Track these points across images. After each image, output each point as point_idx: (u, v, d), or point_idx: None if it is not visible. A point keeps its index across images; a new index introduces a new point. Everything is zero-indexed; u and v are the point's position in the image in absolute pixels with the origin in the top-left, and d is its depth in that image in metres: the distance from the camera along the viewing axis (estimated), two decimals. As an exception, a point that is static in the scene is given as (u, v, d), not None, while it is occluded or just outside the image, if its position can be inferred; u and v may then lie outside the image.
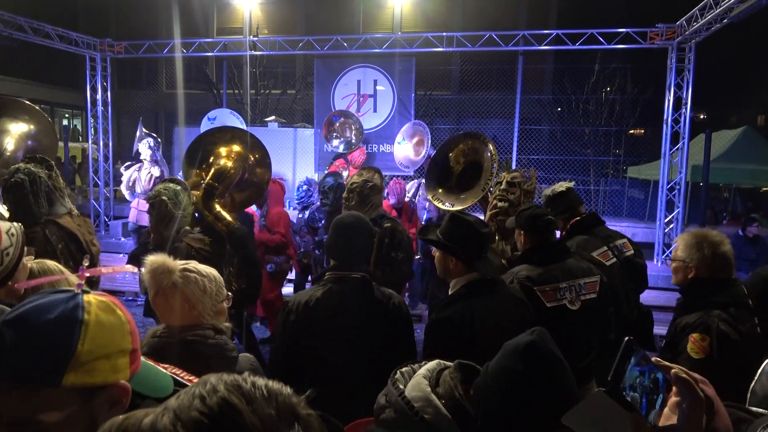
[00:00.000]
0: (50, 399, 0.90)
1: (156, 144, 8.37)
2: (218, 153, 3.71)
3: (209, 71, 17.29)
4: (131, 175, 8.31)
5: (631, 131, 16.05)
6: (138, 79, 21.13)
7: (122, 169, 8.77)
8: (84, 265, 1.23)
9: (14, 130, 4.62)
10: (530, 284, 2.63)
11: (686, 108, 9.32)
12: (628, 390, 0.93)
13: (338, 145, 9.33)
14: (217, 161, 3.64)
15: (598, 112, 15.41)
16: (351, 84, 10.82)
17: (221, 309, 2.00)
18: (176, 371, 1.26)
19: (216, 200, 3.43)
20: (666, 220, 9.71)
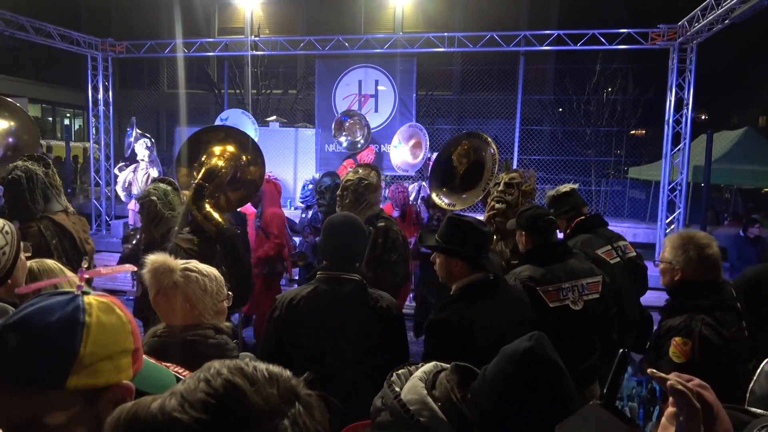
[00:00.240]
0: (55, 401, 0.90)
1: (152, 145, 8.35)
2: (210, 152, 3.67)
3: (211, 71, 17.30)
4: (126, 177, 8.27)
5: (633, 132, 16.04)
6: (139, 79, 21.16)
7: (116, 170, 8.73)
8: (83, 267, 1.23)
9: None
10: (533, 284, 2.62)
11: (687, 109, 9.31)
12: (626, 400, 0.93)
13: (343, 142, 9.25)
14: (209, 160, 3.63)
15: (600, 113, 15.39)
16: (352, 84, 10.83)
17: (221, 308, 2.00)
18: (178, 369, 1.26)
19: (207, 200, 3.43)
20: (667, 221, 9.70)
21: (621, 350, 0.94)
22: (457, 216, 2.39)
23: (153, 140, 8.49)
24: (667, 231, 9.72)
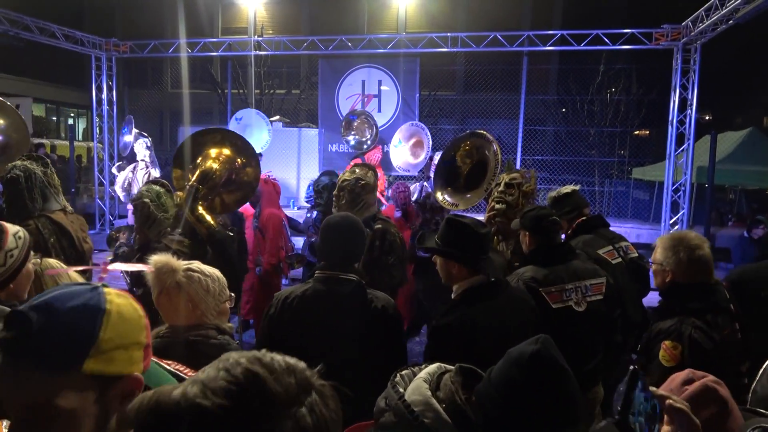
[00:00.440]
0: (69, 384, 0.92)
1: (151, 145, 8.36)
2: (206, 155, 3.68)
3: (214, 71, 17.35)
4: (126, 177, 8.27)
5: (636, 132, 16.00)
6: (143, 79, 21.20)
7: (114, 170, 8.72)
8: (107, 259, 1.26)
9: None
10: (535, 285, 2.62)
11: (691, 109, 9.28)
12: (636, 416, 0.93)
13: (351, 141, 9.21)
14: (204, 163, 3.64)
15: (603, 113, 15.36)
16: (355, 84, 10.83)
17: (224, 309, 2.01)
18: (179, 367, 1.27)
19: (200, 202, 3.43)
20: (671, 222, 9.67)
21: (631, 368, 0.95)
22: (456, 217, 2.37)
23: (150, 140, 8.50)
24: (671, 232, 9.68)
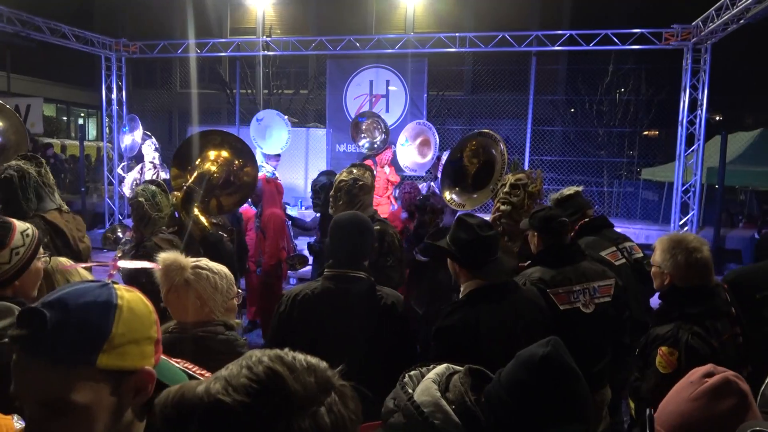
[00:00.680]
0: (83, 379, 0.94)
1: (159, 146, 8.41)
2: (204, 156, 3.72)
3: (222, 71, 17.42)
4: (134, 178, 8.32)
5: (646, 132, 15.91)
6: (152, 79, 21.32)
7: (120, 170, 8.77)
8: (117, 256, 1.29)
9: None
10: (543, 286, 2.61)
11: (701, 109, 9.21)
12: None
13: (365, 145, 9.19)
14: (202, 165, 3.66)
15: (612, 113, 15.28)
16: (363, 84, 10.83)
17: (231, 306, 2.02)
18: (188, 365, 1.28)
19: (196, 203, 3.45)
20: (680, 223, 9.60)
21: (648, 410, 0.97)
22: (465, 217, 2.37)
23: (156, 141, 8.55)
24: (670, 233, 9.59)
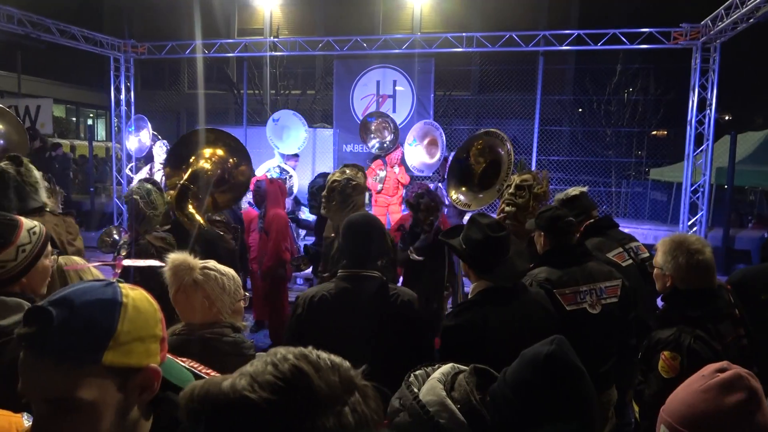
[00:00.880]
0: (89, 377, 0.94)
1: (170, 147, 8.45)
2: (199, 154, 3.73)
3: (230, 72, 17.47)
4: (143, 178, 8.36)
5: (654, 132, 15.81)
6: (160, 80, 21.44)
7: (128, 171, 8.79)
8: (121, 254, 1.30)
9: None
10: (549, 286, 2.60)
11: (711, 109, 9.14)
12: None
13: (375, 145, 9.17)
14: (197, 162, 3.67)
15: (620, 113, 15.20)
16: (370, 84, 10.84)
17: (238, 308, 2.03)
18: (194, 365, 1.29)
19: (191, 201, 3.46)
20: (689, 223, 9.53)
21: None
22: (476, 217, 2.38)
23: (166, 142, 8.59)
24: (689, 233, 9.54)
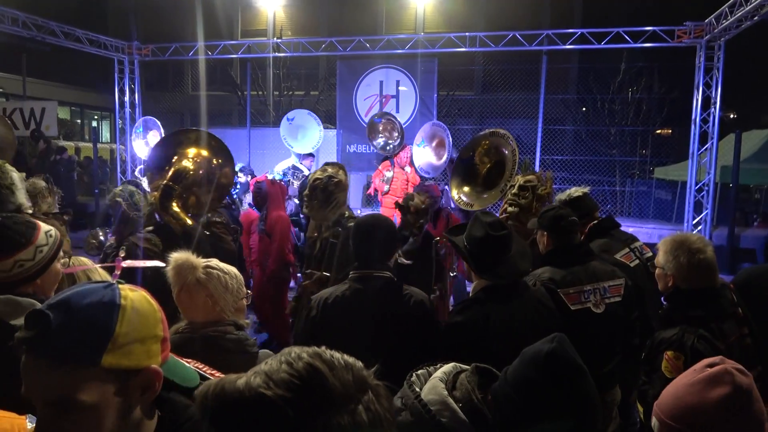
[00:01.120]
0: (88, 379, 0.95)
1: None
2: (181, 154, 3.73)
3: (234, 73, 17.52)
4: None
5: (658, 131, 15.75)
6: (164, 81, 21.50)
7: (137, 173, 8.81)
8: (120, 256, 1.30)
9: None
10: (553, 286, 2.60)
11: (715, 107, 9.11)
12: None
13: (381, 143, 9.14)
14: (179, 162, 3.67)
15: (624, 112, 15.15)
16: (373, 85, 10.84)
17: (241, 306, 2.03)
18: (199, 365, 1.29)
19: (175, 201, 3.46)
20: (694, 222, 9.50)
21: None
22: (479, 215, 2.38)
23: None
24: (694, 232, 9.51)
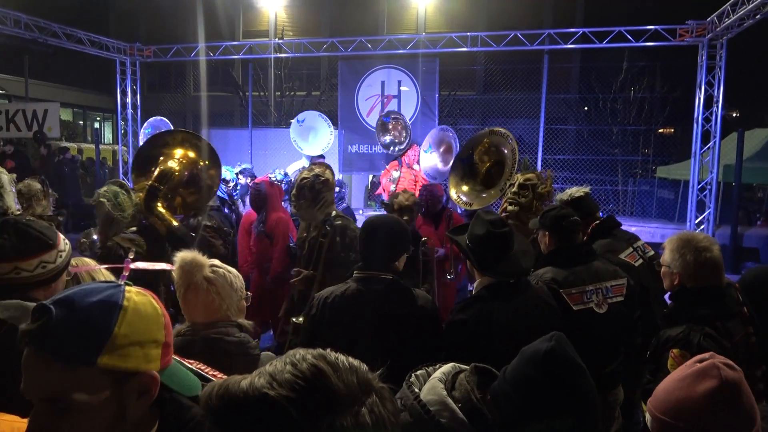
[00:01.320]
0: (85, 378, 0.95)
1: None
2: (167, 155, 3.72)
3: (235, 74, 17.53)
4: None
5: (661, 130, 15.71)
6: (166, 83, 21.54)
7: None
8: (129, 258, 1.30)
9: None
10: (556, 286, 2.60)
11: (717, 106, 9.09)
12: None
13: (387, 140, 9.13)
14: (164, 163, 3.67)
15: (627, 111, 15.12)
16: (375, 85, 10.84)
17: (242, 306, 2.03)
18: (201, 367, 1.29)
19: (160, 201, 3.45)
20: (697, 221, 9.48)
21: None
22: (481, 213, 2.38)
23: None
24: (697, 232, 9.49)
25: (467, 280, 5.07)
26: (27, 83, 17.36)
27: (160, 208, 3.44)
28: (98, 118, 26.45)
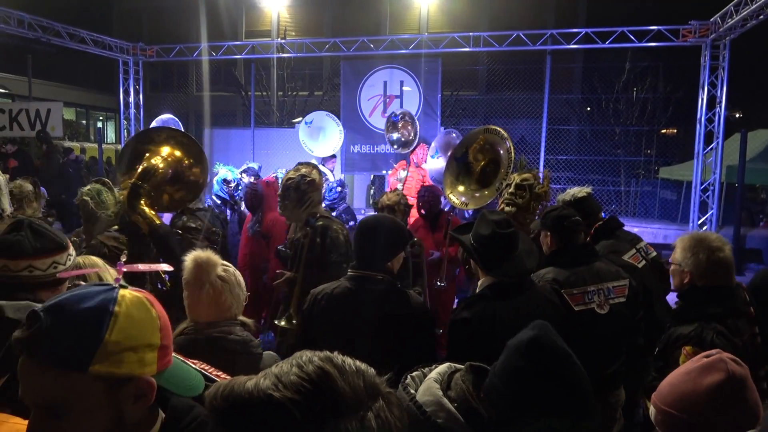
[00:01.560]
0: (78, 385, 0.94)
1: None
2: (151, 152, 3.69)
3: (238, 74, 17.54)
4: None
5: (663, 131, 15.67)
6: (169, 82, 21.57)
7: None
8: (122, 260, 1.30)
9: None
10: (557, 287, 2.59)
11: (720, 107, 9.07)
12: None
13: (394, 136, 9.11)
14: (148, 160, 3.64)
15: (629, 112, 15.09)
16: (377, 85, 10.84)
17: (242, 306, 2.05)
18: (204, 366, 1.29)
19: (144, 199, 3.43)
20: (699, 222, 9.46)
21: None
22: (486, 213, 2.38)
23: None
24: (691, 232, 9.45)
25: (468, 283, 5.05)
26: (30, 82, 17.38)
27: (143, 206, 3.40)
28: (101, 118, 26.48)
